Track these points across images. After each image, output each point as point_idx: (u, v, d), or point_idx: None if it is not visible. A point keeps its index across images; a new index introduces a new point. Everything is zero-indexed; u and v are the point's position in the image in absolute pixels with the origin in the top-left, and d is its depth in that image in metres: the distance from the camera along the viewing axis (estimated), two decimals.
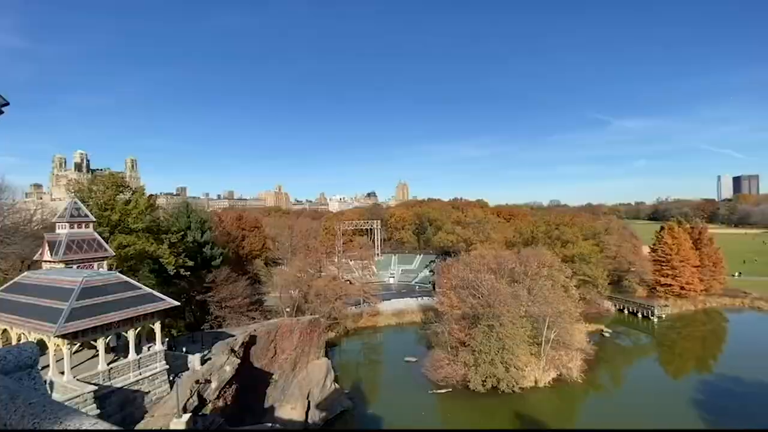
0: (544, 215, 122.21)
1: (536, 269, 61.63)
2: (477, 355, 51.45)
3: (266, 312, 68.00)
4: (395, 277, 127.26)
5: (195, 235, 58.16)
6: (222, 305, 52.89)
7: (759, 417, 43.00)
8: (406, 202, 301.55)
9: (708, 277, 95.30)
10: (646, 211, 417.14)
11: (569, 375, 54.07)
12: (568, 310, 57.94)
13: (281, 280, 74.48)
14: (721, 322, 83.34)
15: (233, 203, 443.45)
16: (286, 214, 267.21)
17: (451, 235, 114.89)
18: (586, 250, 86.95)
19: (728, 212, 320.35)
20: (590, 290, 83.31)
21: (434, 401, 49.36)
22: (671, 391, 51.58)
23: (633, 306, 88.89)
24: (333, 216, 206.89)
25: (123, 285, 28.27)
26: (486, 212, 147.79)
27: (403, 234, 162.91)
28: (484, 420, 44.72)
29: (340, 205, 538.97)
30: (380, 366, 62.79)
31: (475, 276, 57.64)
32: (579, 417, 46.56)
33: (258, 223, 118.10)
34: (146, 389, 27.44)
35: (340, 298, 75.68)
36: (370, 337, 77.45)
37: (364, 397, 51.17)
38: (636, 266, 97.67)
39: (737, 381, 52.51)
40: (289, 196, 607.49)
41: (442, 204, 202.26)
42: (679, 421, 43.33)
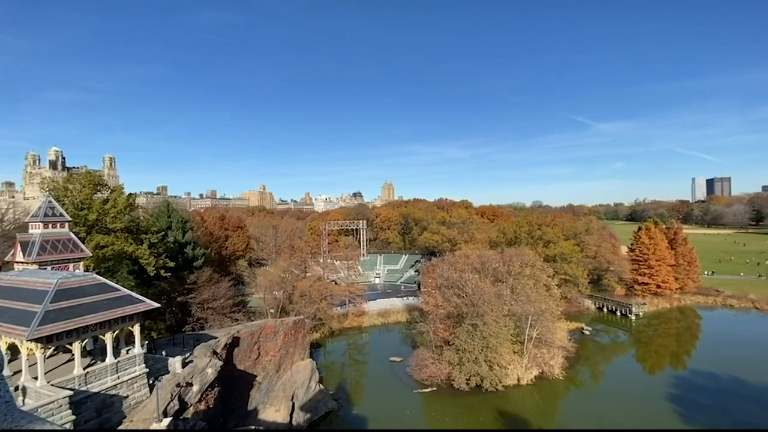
0: (526, 216, 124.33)
1: (519, 269, 62.71)
2: (461, 353, 52.00)
3: (250, 313, 67.04)
4: (381, 277, 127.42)
5: (176, 235, 56.97)
6: (204, 307, 51.94)
7: (731, 411, 44.79)
8: (392, 203, 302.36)
9: (683, 276, 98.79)
10: (624, 211, 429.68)
11: (551, 372, 55.22)
12: (549, 308, 59.15)
13: (265, 281, 73.59)
14: (695, 320, 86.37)
15: (216, 203, 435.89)
16: (271, 214, 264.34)
17: (436, 235, 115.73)
18: (567, 250, 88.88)
19: (702, 213, 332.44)
20: (571, 289, 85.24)
21: (419, 400, 49.64)
22: (648, 387, 53.24)
23: (612, 304, 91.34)
24: (318, 216, 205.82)
25: (100, 287, 27.48)
26: (470, 213, 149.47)
27: (389, 234, 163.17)
28: (468, 418, 45.21)
29: (326, 205, 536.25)
30: (365, 366, 62.75)
31: (460, 276, 58.23)
32: (560, 414, 47.54)
33: (241, 223, 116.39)
34: (125, 393, 26.73)
35: (326, 298, 75.30)
36: (355, 337, 77.34)
37: (349, 397, 51.08)
38: (615, 265, 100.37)
39: (710, 376, 54.60)
40: (273, 195, 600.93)
41: (427, 204, 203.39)
42: (654, 417, 44.71)
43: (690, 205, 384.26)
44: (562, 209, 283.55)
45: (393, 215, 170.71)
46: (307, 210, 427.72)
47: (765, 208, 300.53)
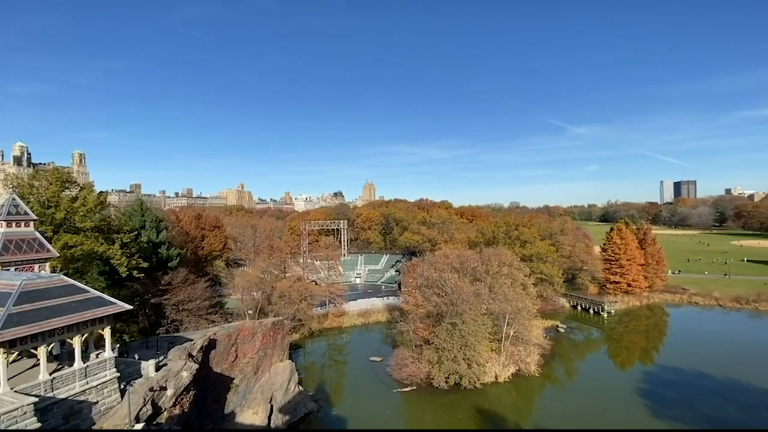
0: (504, 216, 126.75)
1: (497, 268, 63.90)
2: (440, 352, 52.58)
3: (227, 315, 65.75)
4: (362, 277, 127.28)
5: (150, 234, 55.24)
6: (179, 308, 50.54)
7: (696, 404, 46.97)
8: (373, 203, 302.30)
9: (651, 275, 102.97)
10: (597, 212, 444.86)
11: (527, 369, 56.56)
12: (526, 307, 60.51)
13: (243, 282, 72.23)
14: (662, 317, 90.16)
15: (192, 201, 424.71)
16: (249, 213, 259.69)
17: (416, 235, 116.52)
18: (543, 250, 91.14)
19: (669, 215, 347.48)
20: (547, 288, 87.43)
21: (399, 400, 49.89)
22: (619, 382, 55.29)
23: (585, 302, 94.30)
24: (299, 216, 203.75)
25: (68, 288, 26.36)
26: (450, 213, 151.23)
27: (370, 234, 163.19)
28: (446, 417, 45.75)
29: (306, 204, 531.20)
30: (345, 367, 62.57)
31: (440, 275, 58.84)
32: (536, 410, 48.72)
33: (219, 223, 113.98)
34: (94, 399, 25.73)
35: (305, 299, 74.60)
36: (335, 337, 76.99)
37: (328, 398, 50.83)
38: (588, 265, 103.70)
39: (676, 371, 57.16)
40: (252, 194, 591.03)
41: (408, 205, 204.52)
42: (625, 411, 46.45)
43: (658, 206, 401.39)
44: (538, 210, 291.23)
45: (374, 215, 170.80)
46: (287, 209, 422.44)
47: (727, 210, 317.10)
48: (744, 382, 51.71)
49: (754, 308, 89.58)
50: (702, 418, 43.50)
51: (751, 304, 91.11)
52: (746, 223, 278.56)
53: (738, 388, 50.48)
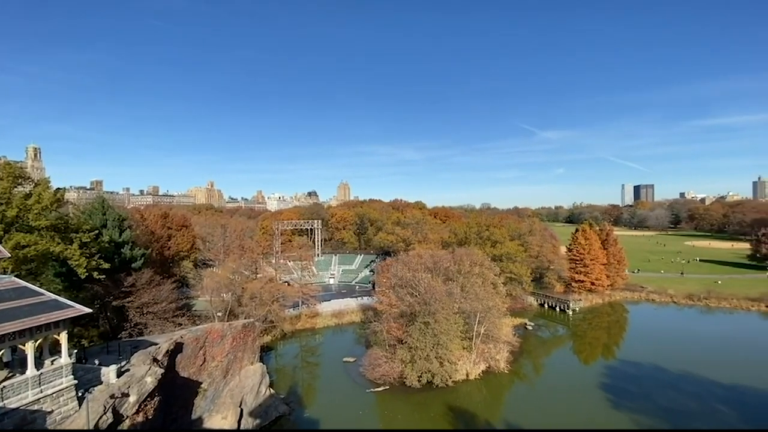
0: (476, 217, 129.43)
1: (469, 268, 65.20)
2: (413, 351, 53.05)
3: (195, 317, 63.68)
4: (335, 277, 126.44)
5: (112, 234, 52.61)
6: (143, 311, 48.43)
7: (652, 396, 49.57)
8: (348, 202, 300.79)
9: (613, 274, 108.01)
10: (563, 214, 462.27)
11: (497, 366, 58.03)
12: (496, 305, 62.06)
13: (212, 283, 70.06)
14: (623, 314, 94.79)
15: (158, 200, 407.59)
16: (219, 212, 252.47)
17: (391, 235, 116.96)
18: (513, 250, 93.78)
19: (630, 216, 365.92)
20: (516, 287, 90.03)
21: (372, 400, 49.92)
22: (583, 377, 57.69)
23: (552, 301, 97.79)
24: (271, 215, 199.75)
25: (19, 291, 24.70)
26: (424, 213, 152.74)
27: (344, 234, 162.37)
28: (419, 415, 46.21)
29: (279, 204, 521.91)
30: (318, 368, 61.95)
31: (413, 275, 59.36)
32: (505, 406, 49.97)
33: (186, 222, 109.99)
34: (49, 408, 24.23)
35: (278, 300, 73.27)
36: (308, 339, 76.08)
37: (301, 400, 50.18)
38: (555, 264, 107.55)
39: (635, 365, 60.28)
40: (222, 193, 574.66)
41: (382, 205, 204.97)
42: (589, 404, 48.57)
43: (620, 209, 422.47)
44: (508, 211, 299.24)
45: (348, 215, 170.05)
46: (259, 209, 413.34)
47: (682, 212, 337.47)
48: (696, 374, 55.23)
49: (705, 305, 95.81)
50: (658, 409, 46.06)
51: (702, 300, 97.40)
52: (698, 225, 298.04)
53: (690, 379, 53.86)
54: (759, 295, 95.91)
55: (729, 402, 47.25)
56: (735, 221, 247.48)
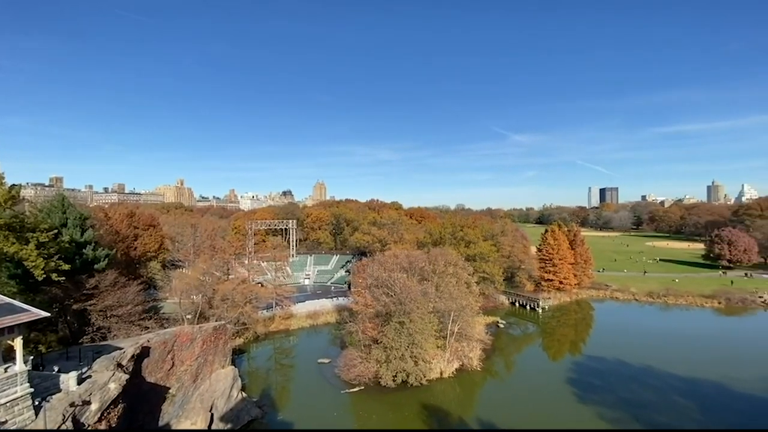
0: (450, 218, 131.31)
1: (443, 267, 66.16)
2: (388, 351, 53.26)
3: (163, 320, 61.44)
4: (311, 278, 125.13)
5: (73, 233, 49.92)
6: (107, 314, 46.23)
7: (616, 389, 51.89)
8: (324, 202, 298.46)
9: (580, 273, 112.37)
10: (534, 215, 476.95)
11: (470, 364, 59.16)
12: (469, 304, 63.26)
13: (182, 284, 67.80)
14: (589, 311, 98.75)
15: (124, 198, 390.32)
16: (189, 211, 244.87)
17: (367, 235, 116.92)
18: (486, 250, 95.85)
19: (596, 218, 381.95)
20: (488, 286, 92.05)
21: (347, 401, 49.76)
22: (551, 372, 59.66)
23: (522, 299, 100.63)
24: (244, 215, 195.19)
25: None
26: (400, 214, 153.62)
27: (320, 234, 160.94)
28: (393, 415, 46.46)
29: (253, 203, 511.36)
30: (292, 370, 61.13)
31: (389, 275, 59.60)
32: (478, 402, 51.00)
33: (154, 221, 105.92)
34: (2, 418, 22.77)
35: (250, 301, 71.76)
36: (282, 341, 74.91)
37: (274, 403, 49.35)
38: (525, 264, 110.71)
39: (600, 360, 62.97)
40: (192, 191, 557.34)
41: (359, 205, 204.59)
42: (556, 398, 50.32)
43: (587, 210, 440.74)
44: (481, 212, 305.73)
45: (324, 215, 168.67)
46: (232, 208, 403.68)
47: (643, 214, 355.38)
48: (655, 367, 58.31)
49: (664, 302, 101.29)
50: (621, 401, 48.31)
51: (661, 298, 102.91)
52: (658, 227, 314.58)
53: (650, 373, 56.80)
54: (712, 293, 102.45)
55: (685, 393, 50.18)
56: (691, 223, 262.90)
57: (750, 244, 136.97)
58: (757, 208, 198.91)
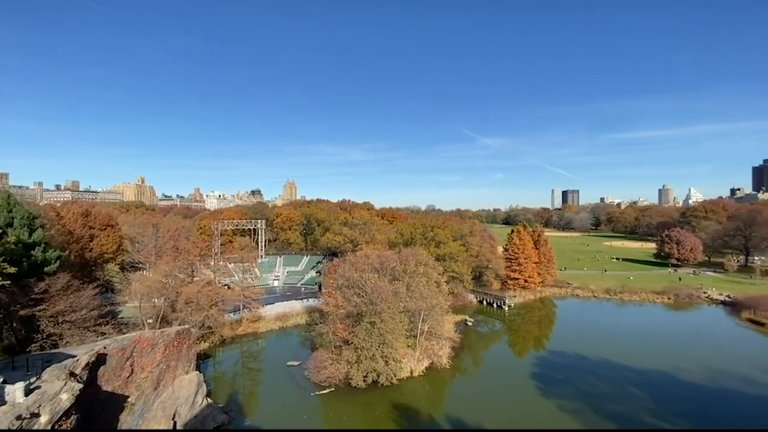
0: (421, 218, 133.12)
1: (414, 267, 66.90)
2: (359, 351, 53.23)
3: (121, 325, 58.40)
4: (280, 279, 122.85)
5: (20, 234, 46.45)
6: (58, 320, 43.45)
7: (576, 383, 54.38)
8: (294, 202, 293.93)
9: (543, 272, 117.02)
10: (501, 216, 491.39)
11: (439, 362, 60.17)
12: (439, 303, 64.33)
13: (142, 287, 64.67)
14: (552, 308, 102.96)
15: (79, 196, 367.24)
16: (151, 210, 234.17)
17: (338, 236, 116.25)
18: (455, 250, 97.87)
19: (558, 219, 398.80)
20: (457, 285, 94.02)
21: (317, 403, 49.28)
22: (517, 368, 61.77)
23: (490, 298, 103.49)
24: (210, 214, 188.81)
25: None
26: (372, 214, 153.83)
27: (290, 234, 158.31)
28: (364, 415, 46.49)
29: (220, 202, 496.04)
30: (260, 374, 59.78)
31: (360, 275, 59.58)
32: (447, 400, 51.92)
33: (112, 221, 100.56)
34: None
35: (216, 304, 69.49)
36: (250, 344, 73.06)
37: (241, 408, 48.07)
38: (493, 263, 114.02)
39: (562, 355, 65.85)
40: (154, 189, 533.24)
41: (330, 205, 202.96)
42: (521, 393, 52.16)
43: (550, 211, 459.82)
44: (451, 213, 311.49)
45: (295, 215, 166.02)
46: (197, 207, 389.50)
47: (601, 216, 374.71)
48: (612, 360, 61.72)
49: (620, 298, 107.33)
50: (580, 394, 50.74)
51: (617, 295, 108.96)
52: (614, 227, 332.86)
53: (607, 365, 60.06)
54: (663, 289, 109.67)
55: (638, 384, 53.42)
56: (644, 224, 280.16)
57: (696, 244, 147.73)
58: (702, 211, 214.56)
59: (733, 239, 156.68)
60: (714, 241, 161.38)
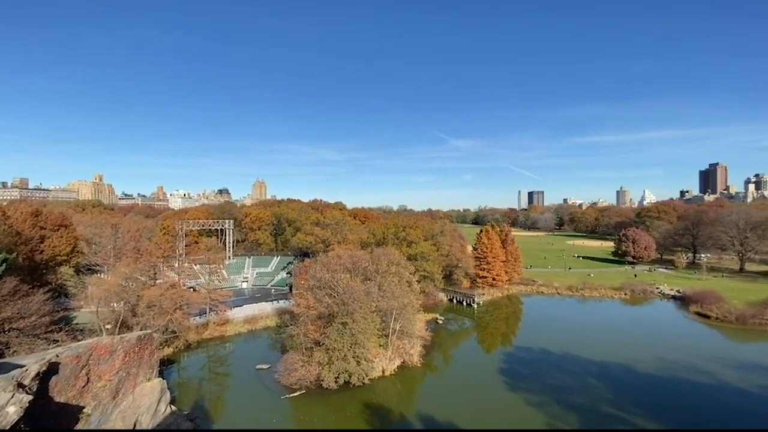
0: (393, 218, 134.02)
1: (386, 267, 67.23)
2: (331, 352, 52.89)
3: (76, 332, 55.30)
4: (249, 281, 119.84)
5: None
6: (5, 328, 40.44)
7: (541, 376, 56.54)
8: (264, 201, 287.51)
9: (511, 270, 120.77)
10: (470, 216, 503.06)
11: (411, 361, 60.80)
12: (411, 302, 64.98)
13: (100, 291, 61.25)
14: (518, 305, 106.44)
15: (28, 194, 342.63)
16: (110, 210, 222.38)
17: (310, 236, 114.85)
18: (426, 249, 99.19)
19: (524, 219, 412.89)
20: (428, 284, 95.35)
21: (287, 406, 48.52)
22: (486, 364, 63.43)
23: (460, 296, 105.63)
24: (174, 214, 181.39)
25: None
26: (344, 214, 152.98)
27: (260, 235, 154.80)
28: (335, 416, 46.25)
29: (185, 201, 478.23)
30: (228, 378, 58.10)
31: (332, 276, 59.20)
32: (418, 397, 52.55)
33: (66, 221, 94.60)
34: None
35: (181, 307, 66.93)
36: (217, 348, 70.82)
37: (208, 415, 46.58)
38: (462, 262, 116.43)
39: (527, 350, 68.25)
40: (113, 188, 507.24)
41: (301, 205, 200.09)
42: (489, 388, 53.62)
43: (517, 212, 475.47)
44: (422, 213, 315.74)
45: (265, 215, 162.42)
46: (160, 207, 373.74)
47: (564, 216, 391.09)
48: (574, 354, 64.64)
49: (582, 295, 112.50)
50: (545, 387, 52.77)
51: (579, 291, 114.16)
52: (576, 227, 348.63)
53: (570, 359, 62.84)
54: (620, 285, 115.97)
55: (598, 376, 56.25)
56: (603, 224, 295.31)
57: (649, 242, 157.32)
58: (655, 211, 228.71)
59: (683, 238, 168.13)
60: (666, 240, 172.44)
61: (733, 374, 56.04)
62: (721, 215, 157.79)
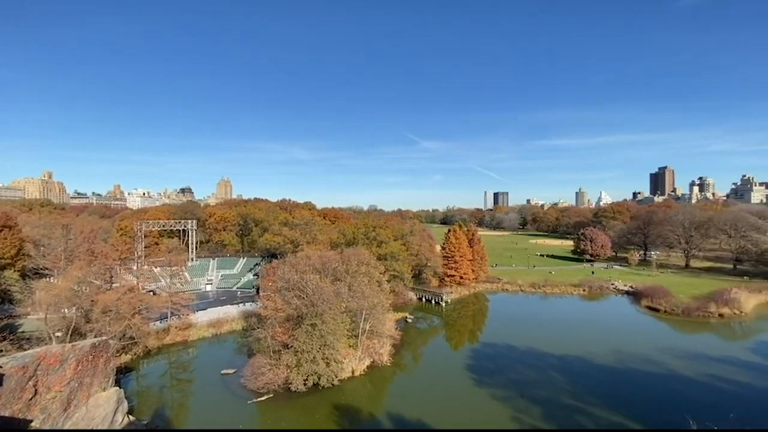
0: (364, 218, 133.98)
1: (356, 267, 67.21)
2: (300, 355, 52.21)
3: (22, 340, 51.41)
4: (213, 283, 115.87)
5: None
6: None
7: (505, 371, 58.49)
8: (229, 201, 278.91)
9: (477, 268, 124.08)
10: (439, 216, 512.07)
11: (381, 360, 61.09)
12: (381, 302, 65.28)
13: (49, 297, 57.20)
14: (484, 302, 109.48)
15: None
16: (61, 210, 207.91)
17: (278, 236, 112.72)
18: (396, 249, 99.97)
19: (490, 219, 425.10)
20: (398, 283, 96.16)
21: (254, 410, 47.42)
22: (453, 361, 64.80)
23: (428, 294, 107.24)
24: (133, 214, 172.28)
25: None
26: (313, 214, 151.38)
27: (225, 236, 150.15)
28: (304, 419, 45.72)
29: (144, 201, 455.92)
30: (191, 385, 55.95)
31: (301, 277, 58.42)
32: (388, 397, 52.87)
33: (10, 221, 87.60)
34: None
35: (140, 312, 63.71)
36: (179, 354, 68.02)
37: (169, 423, 44.68)
38: (431, 261, 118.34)
39: (493, 346, 70.40)
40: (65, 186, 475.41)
41: (269, 204, 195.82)
42: (457, 384, 54.87)
43: (483, 212, 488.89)
44: (392, 213, 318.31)
45: (230, 215, 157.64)
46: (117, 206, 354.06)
47: (527, 216, 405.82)
48: (537, 348, 67.36)
49: (543, 291, 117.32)
50: (510, 381, 54.69)
51: (541, 288, 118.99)
52: (539, 226, 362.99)
53: (533, 353, 65.43)
54: (579, 282, 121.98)
55: (559, 369, 58.93)
56: (564, 223, 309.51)
57: (605, 241, 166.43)
58: (610, 212, 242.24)
59: (635, 237, 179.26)
60: (620, 239, 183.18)
61: (681, 364, 60.47)
62: (669, 215, 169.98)
